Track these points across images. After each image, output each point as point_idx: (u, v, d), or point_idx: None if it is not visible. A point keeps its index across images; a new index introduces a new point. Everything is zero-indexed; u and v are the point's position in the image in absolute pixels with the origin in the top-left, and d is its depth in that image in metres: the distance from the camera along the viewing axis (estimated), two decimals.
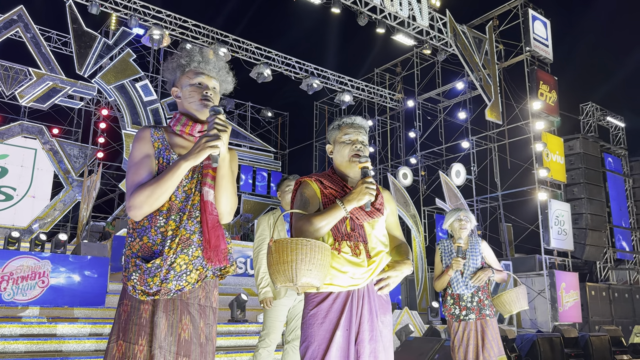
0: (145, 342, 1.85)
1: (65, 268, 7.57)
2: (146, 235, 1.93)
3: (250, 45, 15.37)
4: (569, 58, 22.88)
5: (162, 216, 1.94)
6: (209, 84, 2.09)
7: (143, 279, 1.87)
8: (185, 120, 2.08)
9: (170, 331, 1.87)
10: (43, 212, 13.54)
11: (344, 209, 2.21)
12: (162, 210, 1.94)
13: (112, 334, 1.89)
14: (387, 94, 18.54)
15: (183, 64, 2.12)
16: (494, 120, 13.79)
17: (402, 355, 6.30)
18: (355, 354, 2.21)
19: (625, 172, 17.23)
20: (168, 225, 1.93)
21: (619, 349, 7.17)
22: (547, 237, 12.71)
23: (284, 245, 2.05)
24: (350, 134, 2.40)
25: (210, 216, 1.98)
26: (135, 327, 1.85)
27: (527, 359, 6.16)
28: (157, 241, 1.92)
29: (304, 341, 2.23)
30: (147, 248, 1.92)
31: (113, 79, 13.40)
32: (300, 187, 2.40)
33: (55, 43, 15.31)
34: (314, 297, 2.27)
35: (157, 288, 1.88)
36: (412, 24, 13.68)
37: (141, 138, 2.02)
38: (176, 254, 1.90)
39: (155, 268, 1.87)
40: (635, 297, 14.76)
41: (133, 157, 1.99)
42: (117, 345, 1.84)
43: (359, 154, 2.36)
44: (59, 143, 14.36)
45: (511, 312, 4.03)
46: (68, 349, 6.15)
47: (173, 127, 2.09)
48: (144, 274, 1.87)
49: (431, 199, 15.29)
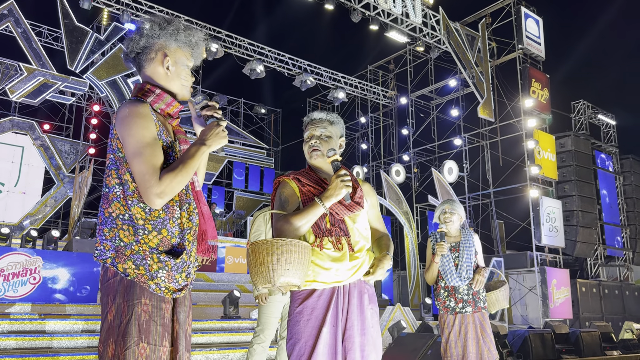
0: (168, 342, 1.76)
1: (57, 264, 7.53)
2: (165, 227, 1.76)
3: (243, 41, 15.32)
4: (561, 56, 23.01)
5: (177, 206, 1.80)
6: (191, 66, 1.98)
7: (171, 276, 1.75)
8: (170, 100, 1.89)
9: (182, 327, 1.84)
10: (34, 209, 13.45)
11: (323, 206, 2.22)
12: (176, 200, 1.80)
13: (130, 336, 1.66)
14: (380, 91, 18.55)
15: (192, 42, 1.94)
16: (486, 117, 13.84)
17: (394, 351, 6.32)
18: (343, 350, 2.21)
19: (616, 169, 17.36)
20: (182, 217, 1.81)
21: (609, 344, 7.25)
22: (538, 234, 12.79)
23: (260, 247, 2.05)
24: (309, 130, 2.44)
25: (204, 207, 1.92)
26: (160, 328, 1.72)
27: (518, 354, 6.20)
28: (175, 233, 1.78)
29: (290, 338, 2.23)
30: (167, 241, 1.76)
31: (105, 75, 13.32)
32: (279, 186, 2.40)
33: (46, 38, 15.19)
34: (299, 294, 2.27)
35: (185, 283, 1.82)
36: (405, 21, 13.68)
37: (145, 115, 1.76)
38: (191, 247, 1.84)
39: (182, 263, 1.79)
40: (625, 293, 14.90)
41: (143, 137, 1.72)
42: (139, 348, 1.66)
43: (317, 148, 2.38)
44: (50, 139, 14.26)
45: (504, 307, 4.04)
46: (60, 345, 6.12)
47: (152, 104, 1.85)
48: (172, 270, 1.76)
49: (424, 196, 15.35)
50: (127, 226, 1.75)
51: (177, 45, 1.91)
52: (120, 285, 1.72)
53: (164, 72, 1.89)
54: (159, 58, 1.88)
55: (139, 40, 1.89)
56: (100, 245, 1.76)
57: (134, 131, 1.72)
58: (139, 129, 1.73)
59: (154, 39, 1.89)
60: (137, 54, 1.90)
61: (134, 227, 1.75)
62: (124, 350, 1.66)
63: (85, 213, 15.05)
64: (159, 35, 1.89)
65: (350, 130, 19.96)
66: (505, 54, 14.67)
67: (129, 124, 1.73)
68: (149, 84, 1.88)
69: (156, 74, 1.89)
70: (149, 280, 1.73)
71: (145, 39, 1.89)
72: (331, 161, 2.28)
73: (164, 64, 1.88)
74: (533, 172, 13.07)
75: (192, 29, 1.95)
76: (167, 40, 1.89)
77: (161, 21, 1.91)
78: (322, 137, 2.41)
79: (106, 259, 1.74)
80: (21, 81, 12.26)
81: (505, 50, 14.68)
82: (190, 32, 1.93)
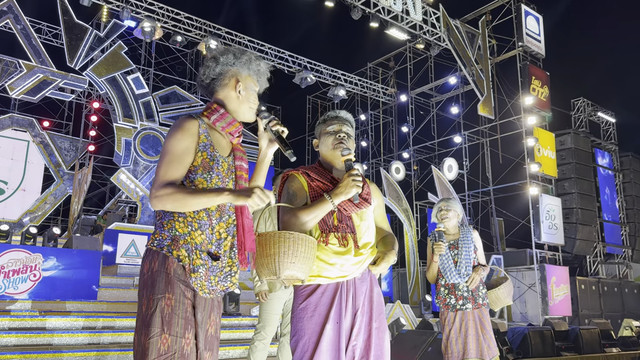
0: (192, 335, 1.88)
1: (57, 261, 7.53)
2: (205, 231, 1.92)
3: (243, 38, 15.31)
4: (561, 53, 22.99)
5: (214, 215, 1.95)
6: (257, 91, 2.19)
7: (208, 275, 1.90)
8: (232, 119, 2.08)
9: (201, 327, 1.93)
10: (34, 206, 13.44)
11: (332, 202, 2.25)
12: (212, 211, 1.95)
13: (153, 327, 1.81)
14: (380, 89, 18.54)
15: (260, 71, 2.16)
16: (486, 115, 13.84)
17: (394, 348, 6.33)
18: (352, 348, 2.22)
19: (616, 167, 17.37)
20: (220, 227, 1.96)
21: (608, 341, 7.26)
22: (537, 231, 12.80)
23: (267, 239, 2.07)
24: (334, 125, 2.47)
25: (247, 220, 2.03)
26: (182, 321, 1.85)
27: (518, 351, 6.21)
28: (212, 240, 1.94)
29: (294, 335, 2.23)
30: (205, 244, 1.92)
31: (104, 72, 13.30)
32: (287, 180, 2.42)
33: (46, 35, 15.16)
34: (303, 290, 2.28)
35: (214, 287, 1.94)
36: (405, 18, 13.67)
37: (187, 130, 1.95)
38: (226, 257, 1.97)
39: (217, 269, 1.93)
40: (624, 291, 14.92)
41: (173, 148, 1.92)
42: (162, 338, 1.81)
43: (342, 142, 2.41)
44: (50, 136, 14.24)
45: (507, 304, 4.03)
46: (60, 342, 6.12)
47: (215, 122, 2.05)
48: (209, 270, 1.90)
49: (423, 193, 15.35)
50: (183, 218, 1.93)
51: (247, 73, 2.13)
52: (150, 279, 1.88)
53: (235, 95, 2.10)
54: (232, 84, 2.10)
55: (214, 68, 2.10)
56: (158, 236, 1.93)
57: (171, 139, 1.94)
58: (174, 140, 1.94)
59: (229, 67, 2.10)
60: (212, 79, 2.11)
61: (185, 220, 1.93)
62: (148, 339, 1.81)
63: (85, 210, 15.06)
64: (233, 64, 2.10)
65: None
66: (506, 52, 14.66)
67: (170, 132, 1.97)
68: (216, 104, 2.09)
69: (229, 97, 2.10)
70: (191, 272, 1.90)
71: (221, 66, 2.10)
72: (345, 160, 2.32)
73: (237, 89, 2.09)
74: (533, 169, 13.07)
75: (261, 60, 2.18)
76: (240, 68, 2.11)
77: (236, 51, 2.13)
78: (349, 134, 2.47)
79: (163, 247, 1.90)
80: (21, 78, 12.24)
81: (506, 48, 14.67)
82: (259, 62, 2.16)
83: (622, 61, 25.11)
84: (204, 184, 1.95)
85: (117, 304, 7.74)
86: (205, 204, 1.90)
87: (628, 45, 25.45)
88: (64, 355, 5.67)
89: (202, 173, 1.95)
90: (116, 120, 13.49)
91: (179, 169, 1.91)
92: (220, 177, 1.99)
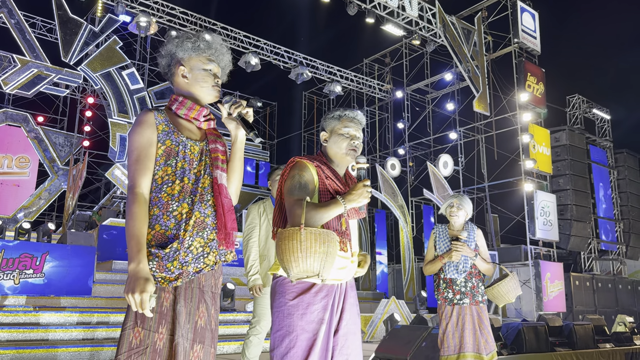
0: (166, 330, 1.86)
1: (52, 257, 7.51)
2: (158, 223, 1.91)
3: (239, 33, 15.25)
4: (556, 50, 23.03)
5: (174, 200, 1.93)
6: (217, 72, 2.15)
7: (162, 265, 1.87)
8: (192, 104, 2.08)
9: (187, 319, 1.90)
10: (28, 201, 13.39)
11: (345, 207, 2.24)
12: (174, 195, 1.93)
13: (127, 320, 1.84)
14: (376, 85, 18.53)
15: (201, 47, 2.11)
16: (481, 111, 13.85)
17: (389, 343, 6.34)
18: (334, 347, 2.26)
19: (610, 163, 17.43)
20: (182, 208, 1.93)
21: (602, 337, 7.28)
22: (532, 227, 12.84)
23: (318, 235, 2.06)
24: (350, 128, 2.42)
25: (226, 199, 2.02)
26: (157, 315, 1.84)
27: (512, 347, 6.23)
28: (171, 226, 1.91)
29: (278, 329, 2.20)
30: (159, 235, 1.90)
31: (99, 67, 13.24)
32: (298, 167, 2.34)
33: (40, 29, 15.07)
34: (294, 287, 2.24)
35: (179, 271, 1.89)
36: (401, 14, 13.65)
37: (144, 122, 1.98)
38: (192, 237, 1.92)
39: (174, 252, 1.88)
40: (618, 287, 15.00)
41: (137, 144, 1.95)
42: (134, 332, 1.81)
43: (356, 149, 2.40)
44: (44, 131, 14.18)
45: (509, 301, 3.98)
46: (54, 337, 6.11)
47: (177, 111, 2.07)
48: (162, 260, 1.86)
49: (419, 189, 15.36)
50: None
51: (189, 55, 2.10)
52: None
53: (183, 81, 2.11)
54: (177, 71, 2.11)
55: (162, 62, 2.15)
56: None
57: (133, 137, 1.97)
58: (135, 135, 1.97)
59: (171, 56, 2.13)
60: (166, 73, 2.16)
61: None
62: (122, 332, 1.82)
63: (79, 206, 15.02)
64: (175, 51, 2.12)
65: None
66: (501, 48, 14.67)
67: (130, 130, 2.00)
68: (174, 95, 2.12)
69: (179, 84, 2.12)
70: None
71: (166, 58, 2.14)
72: (359, 168, 2.32)
73: (181, 74, 2.10)
74: (528, 166, 13.10)
75: (199, 35, 2.14)
76: (181, 53, 2.11)
77: (173, 38, 2.14)
78: (361, 140, 2.46)
79: None
80: (15, 73, 12.17)
81: (501, 44, 14.69)
82: (197, 38, 2.12)
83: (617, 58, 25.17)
84: (169, 170, 1.95)
85: (111, 300, 7.73)
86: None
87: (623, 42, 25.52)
88: (58, 351, 5.66)
89: (165, 162, 1.95)
90: (111, 115, 13.43)
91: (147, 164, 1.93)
92: (187, 160, 1.98)
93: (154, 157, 1.95)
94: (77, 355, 5.77)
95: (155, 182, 1.94)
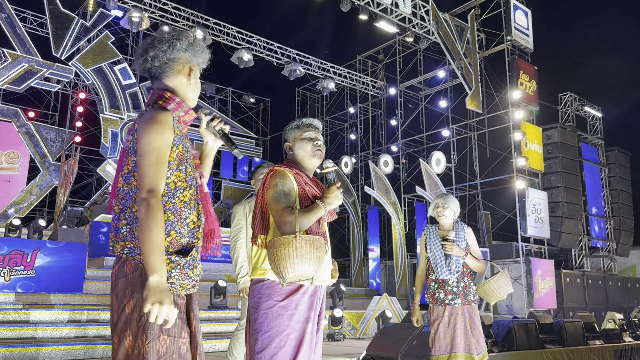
0: (187, 334, 1.87)
1: (43, 254, 7.46)
2: (173, 229, 1.87)
3: (232, 29, 15.19)
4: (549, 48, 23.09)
5: (186, 207, 1.92)
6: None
7: (184, 273, 1.86)
8: (188, 108, 2.05)
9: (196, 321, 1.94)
10: (19, 197, 13.30)
11: (325, 209, 2.37)
12: (186, 202, 1.92)
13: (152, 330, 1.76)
14: (369, 82, 18.52)
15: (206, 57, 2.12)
16: (474, 109, 13.88)
17: (380, 341, 6.37)
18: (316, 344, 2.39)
19: (602, 161, 17.53)
20: (193, 216, 1.93)
21: (591, 334, 7.34)
22: (524, 225, 12.90)
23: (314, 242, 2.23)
24: (310, 132, 2.58)
25: (211, 207, 2.05)
26: (179, 322, 1.83)
27: (503, 344, 6.27)
28: (184, 233, 1.90)
29: (267, 331, 2.24)
30: (176, 242, 1.88)
31: (91, 62, 13.15)
32: (278, 176, 2.43)
33: (31, 24, 14.94)
34: (282, 289, 2.31)
35: (197, 279, 1.94)
36: (394, 11, 13.65)
37: (165, 122, 1.88)
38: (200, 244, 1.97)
39: (192, 260, 1.89)
40: (608, 284, 15.11)
41: (157, 144, 1.84)
42: (160, 340, 1.77)
43: (320, 149, 2.56)
44: (35, 126, 14.08)
45: (500, 298, 3.99)
46: (45, 335, 6.08)
47: (173, 112, 1.99)
48: (184, 268, 1.86)
49: (411, 186, 15.40)
50: None
51: (197, 62, 2.10)
52: (139, 281, 1.81)
53: (187, 83, 2.05)
54: (185, 71, 2.05)
55: (169, 52, 2.02)
56: (130, 243, 1.85)
57: (154, 136, 1.85)
58: (157, 136, 1.85)
59: (182, 53, 2.04)
60: (164, 64, 2.02)
61: None
62: (147, 343, 1.76)
63: (71, 202, 14.94)
64: (186, 50, 2.05)
65: (339, 121, 19.93)
66: (494, 46, 14.69)
67: (149, 126, 1.85)
68: (168, 92, 2.02)
69: (180, 84, 2.04)
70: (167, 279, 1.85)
71: (177, 52, 2.03)
72: (330, 171, 2.46)
73: (191, 78, 2.06)
74: (520, 163, 13.15)
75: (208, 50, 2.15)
76: (193, 55, 2.07)
77: (189, 38, 2.08)
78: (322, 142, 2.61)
79: (135, 255, 1.84)
80: (5, 67, 12.06)
81: (494, 42, 14.70)
82: (207, 52, 2.14)
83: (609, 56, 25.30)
84: (180, 176, 1.91)
85: (103, 297, 7.70)
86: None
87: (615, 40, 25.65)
88: (48, 349, 5.63)
89: (177, 167, 1.91)
90: (103, 111, 13.36)
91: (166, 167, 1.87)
92: (192, 167, 1.98)
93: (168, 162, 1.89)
94: (69, 353, 5.75)
95: (168, 186, 1.89)
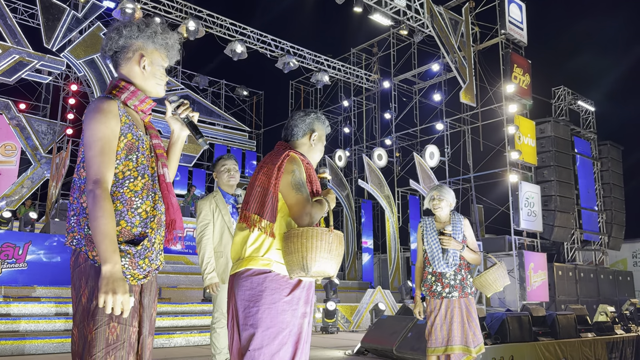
0: (137, 323, 1.86)
1: (34, 246, 7.41)
2: (123, 219, 1.84)
3: (225, 21, 15.09)
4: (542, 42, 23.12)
5: (137, 197, 1.88)
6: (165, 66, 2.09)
7: (134, 263, 1.84)
8: (144, 97, 2.00)
9: (146, 311, 1.94)
10: (10, 190, 13.19)
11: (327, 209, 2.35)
12: (137, 191, 1.88)
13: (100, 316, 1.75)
14: (364, 75, 18.48)
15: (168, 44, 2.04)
16: (468, 102, 13.88)
17: (375, 333, 6.37)
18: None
19: (594, 155, 17.61)
20: (145, 206, 1.90)
21: (584, 327, 7.38)
22: (517, 218, 12.95)
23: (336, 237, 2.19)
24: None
25: (174, 198, 2.01)
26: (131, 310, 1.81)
27: (496, 337, 6.29)
28: (136, 223, 1.87)
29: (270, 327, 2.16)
30: (126, 232, 1.84)
31: (83, 54, 13.02)
32: (295, 163, 2.33)
33: (22, 15, 14.77)
34: (287, 283, 2.24)
35: (149, 269, 1.91)
36: (389, 4, 13.59)
37: (108, 112, 1.84)
38: (155, 234, 1.93)
39: (144, 250, 1.87)
40: (600, 277, 15.22)
41: (101, 134, 1.82)
42: (110, 327, 1.76)
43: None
44: (27, 119, 13.95)
45: (497, 290, 3.99)
46: (36, 329, 6.04)
47: (126, 100, 1.95)
48: (134, 257, 1.84)
49: (405, 180, 15.41)
50: None
51: (154, 47, 2.02)
52: (92, 269, 1.80)
53: (140, 71, 1.99)
54: (135, 58, 1.99)
55: (117, 40, 1.98)
56: (78, 234, 1.84)
57: (96, 125, 1.83)
58: (100, 125, 1.82)
59: (132, 40, 1.99)
60: (115, 52, 2.01)
61: None
62: (95, 329, 1.74)
63: (63, 195, 14.82)
64: (137, 37, 1.99)
65: (332, 114, 19.89)
66: (488, 39, 14.69)
67: (92, 116, 1.84)
68: (123, 81, 1.98)
69: (132, 72, 2.00)
70: None
71: (124, 39, 1.98)
72: (323, 177, 2.46)
73: (141, 64, 1.99)
74: (513, 157, 13.18)
75: (169, 32, 2.07)
76: (144, 41, 2.00)
77: (140, 23, 2.01)
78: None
79: (81, 247, 1.82)
80: None
81: (488, 35, 14.69)
82: (167, 35, 2.05)
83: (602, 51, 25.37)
84: (130, 165, 1.88)
85: None
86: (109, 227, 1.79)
87: (608, 35, 25.71)
88: (40, 342, 5.59)
89: (126, 156, 1.87)
90: None
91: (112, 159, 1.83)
92: (145, 156, 1.93)
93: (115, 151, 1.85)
94: (62, 346, 5.71)
95: (116, 176, 1.85)
